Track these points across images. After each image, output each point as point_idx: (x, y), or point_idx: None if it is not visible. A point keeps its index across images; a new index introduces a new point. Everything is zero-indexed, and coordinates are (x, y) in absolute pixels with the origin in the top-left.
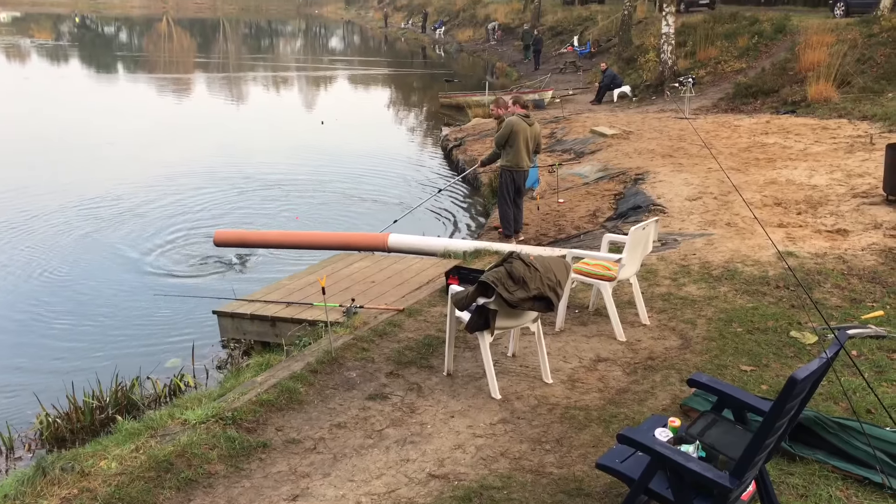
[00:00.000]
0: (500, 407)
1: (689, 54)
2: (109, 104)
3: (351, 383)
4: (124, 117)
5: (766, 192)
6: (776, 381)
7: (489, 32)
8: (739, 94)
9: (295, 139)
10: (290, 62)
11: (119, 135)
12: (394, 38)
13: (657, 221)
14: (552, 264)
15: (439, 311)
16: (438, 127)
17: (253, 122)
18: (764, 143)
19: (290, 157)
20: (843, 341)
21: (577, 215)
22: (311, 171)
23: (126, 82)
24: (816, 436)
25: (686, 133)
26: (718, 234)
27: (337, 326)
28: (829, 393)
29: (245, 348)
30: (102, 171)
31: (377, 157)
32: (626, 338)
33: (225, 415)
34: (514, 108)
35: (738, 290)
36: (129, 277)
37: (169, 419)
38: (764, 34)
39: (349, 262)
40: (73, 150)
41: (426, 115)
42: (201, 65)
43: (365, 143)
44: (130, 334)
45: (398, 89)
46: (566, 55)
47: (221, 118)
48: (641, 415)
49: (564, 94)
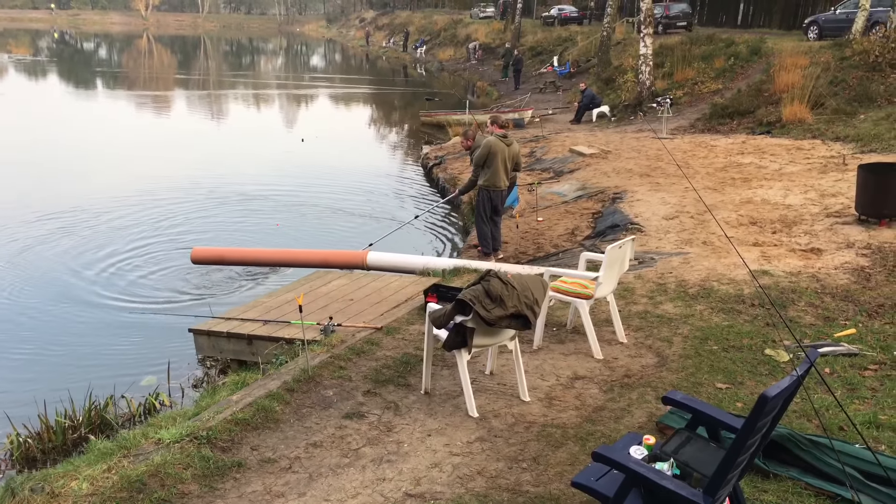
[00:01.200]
0: (477, 425)
1: (666, 75)
2: (88, 120)
3: (328, 402)
4: (103, 133)
5: (742, 211)
6: (751, 398)
7: (470, 52)
8: (716, 114)
9: (275, 156)
10: (271, 80)
11: (97, 150)
12: (375, 57)
13: (633, 240)
14: (530, 282)
15: (417, 330)
16: (419, 145)
17: (233, 138)
18: (740, 162)
19: (269, 174)
20: (813, 359)
21: (555, 234)
22: (290, 188)
23: (105, 98)
24: (790, 453)
25: (663, 153)
26: (695, 253)
27: (314, 345)
28: (803, 410)
29: (221, 367)
30: (78, 186)
31: (357, 175)
32: (603, 355)
33: (199, 434)
34: (492, 129)
35: (713, 308)
36: (106, 295)
37: (143, 438)
38: (740, 56)
39: (327, 280)
40: (49, 163)
41: (407, 132)
42: (181, 82)
43: (345, 161)
44: (106, 353)
45: (379, 107)
46: (546, 75)
47: (201, 135)
48: (618, 432)
49: (544, 114)
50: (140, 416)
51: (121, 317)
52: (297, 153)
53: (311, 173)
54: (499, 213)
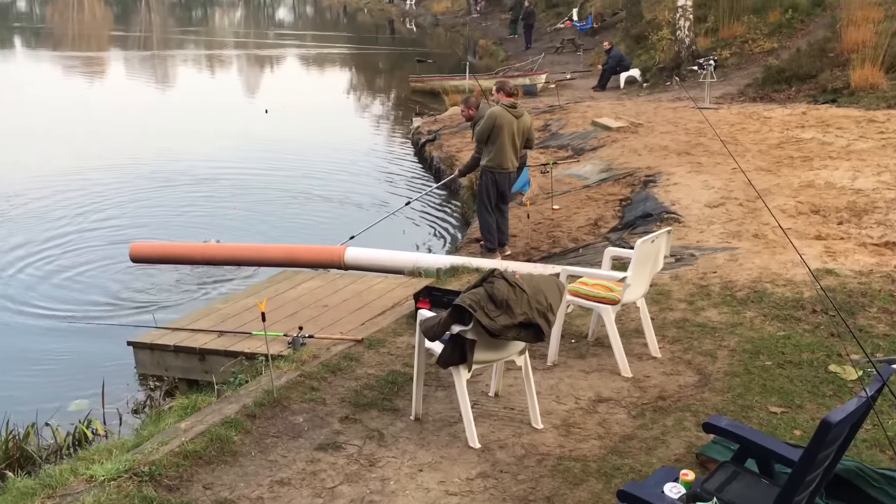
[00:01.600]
0: (479, 458)
1: (710, 31)
2: (0, 85)
3: (297, 430)
4: (20, 102)
5: (802, 197)
6: (811, 424)
7: (470, 3)
8: (770, 79)
9: (233, 130)
10: (228, 37)
11: (12, 122)
12: (355, 9)
13: (670, 232)
14: (543, 285)
15: (406, 342)
16: (408, 117)
17: (181, 109)
18: (799, 138)
19: (225, 152)
20: (886, 377)
21: (574, 225)
22: (251, 169)
23: (24, 60)
24: (858, 490)
25: (706, 126)
26: (744, 248)
27: (280, 360)
28: (874, 439)
29: (167, 387)
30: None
31: (333, 153)
32: (633, 373)
33: (141, 469)
34: (498, 97)
35: (766, 315)
36: (21, 300)
37: (71, 475)
38: (799, 8)
39: (296, 282)
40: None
41: (394, 102)
42: (118, 40)
43: (318, 136)
44: (25, 372)
45: (360, 71)
46: (563, 31)
47: (142, 105)
48: (649, 466)
49: (561, 79)
50: (68, 449)
51: (42, 328)
52: (260, 127)
53: (276, 151)
54: (505, 201)
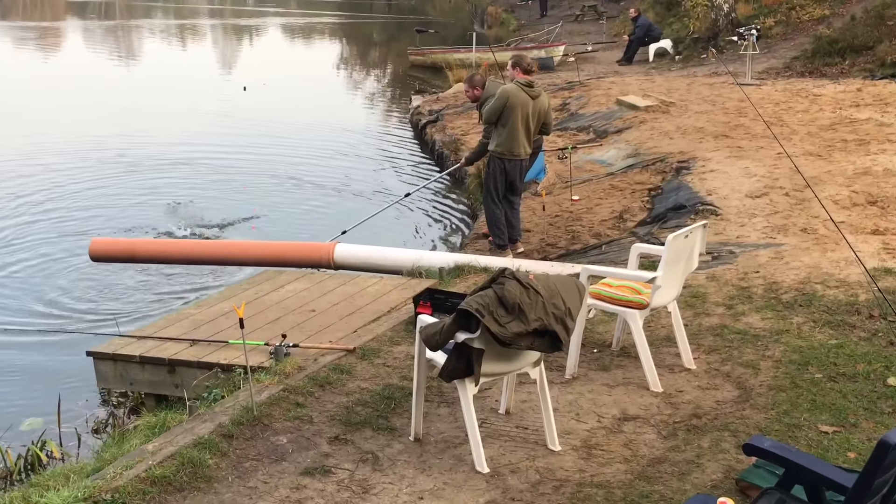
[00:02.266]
0: (487, 484)
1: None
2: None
3: (280, 453)
4: None
5: (857, 185)
6: (867, 446)
7: None
8: (821, 51)
9: (207, 109)
10: (202, 4)
11: None
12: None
13: (706, 227)
14: (560, 286)
15: (404, 352)
16: (407, 95)
17: (149, 86)
18: (854, 118)
19: (199, 135)
20: None
21: (597, 218)
22: (227, 153)
23: None
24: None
25: (747, 105)
26: (791, 245)
27: (261, 373)
28: None
29: (132, 404)
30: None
31: (320, 136)
32: (663, 387)
33: (102, 497)
34: (513, 73)
35: (816, 321)
36: None
37: (23, 503)
38: None
39: (279, 284)
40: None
41: (390, 78)
42: (77, 8)
43: (303, 117)
44: None
45: (351, 43)
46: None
47: (105, 81)
48: (682, 494)
49: (581, 51)
50: (20, 473)
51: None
52: (238, 106)
53: (256, 133)
54: (516, 191)
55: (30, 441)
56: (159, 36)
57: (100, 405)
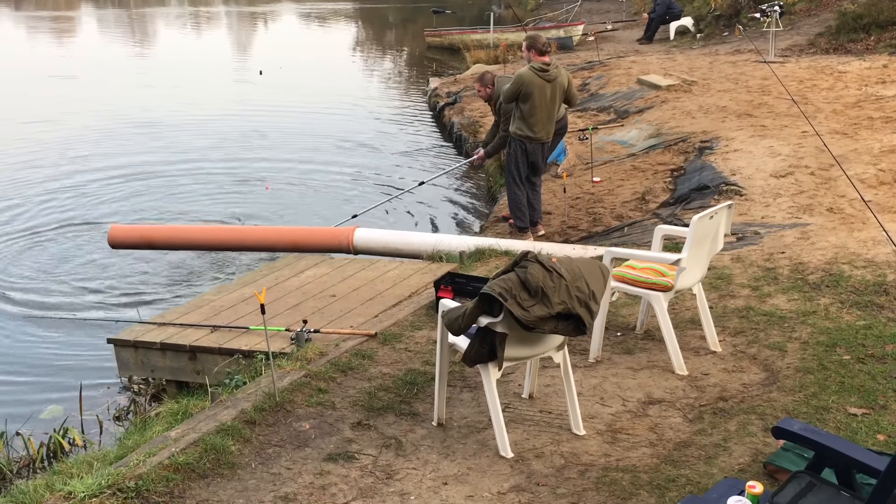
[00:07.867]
0: (512, 469)
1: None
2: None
3: (303, 438)
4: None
5: (884, 164)
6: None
7: None
8: (846, 27)
9: (222, 94)
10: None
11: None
12: None
13: (731, 207)
14: (584, 269)
15: (426, 337)
16: (424, 77)
17: (164, 72)
18: (881, 95)
19: (214, 120)
20: None
21: (619, 199)
22: (243, 139)
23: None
24: None
25: (772, 82)
26: (817, 225)
27: (282, 359)
28: None
29: (154, 391)
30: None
31: (337, 121)
32: (688, 370)
33: (126, 485)
34: (529, 55)
35: (844, 302)
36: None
37: (47, 492)
38: None
39: (299, 269)
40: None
41: (407, 60)
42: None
43: (319, 101)
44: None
45: (367, 25)
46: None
47: (119, 68)
48: (709, 478)
49: (601, 30)
50: (42, 461)
51: (10, 325)
52: (253, 90)
53: (272, 118)
54: (538, 173)
55: (52, 429)
56: (174, 22)
57: (121, 392)
